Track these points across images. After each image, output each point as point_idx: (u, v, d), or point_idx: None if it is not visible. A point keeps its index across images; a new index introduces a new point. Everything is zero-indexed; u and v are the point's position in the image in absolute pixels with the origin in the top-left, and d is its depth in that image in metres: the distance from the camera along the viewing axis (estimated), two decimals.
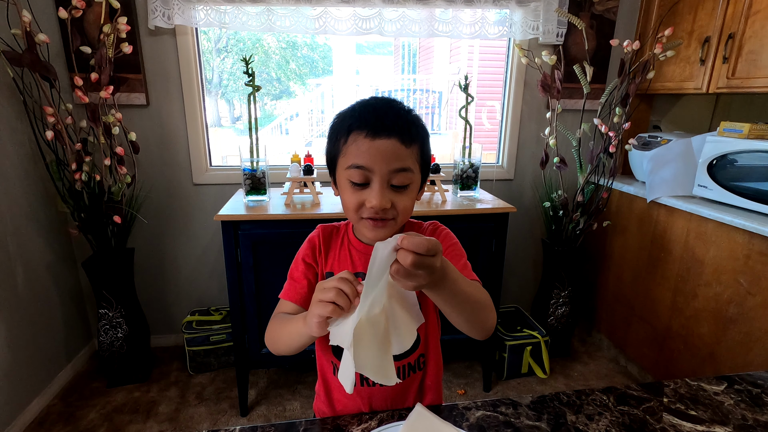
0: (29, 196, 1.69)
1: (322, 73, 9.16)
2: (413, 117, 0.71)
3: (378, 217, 0.69)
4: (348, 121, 0.68)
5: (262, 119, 8.65)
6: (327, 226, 0.83)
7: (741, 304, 1.49)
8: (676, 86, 1.90)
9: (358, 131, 0.66)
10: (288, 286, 0.79)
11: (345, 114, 0.71)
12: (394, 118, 0.67)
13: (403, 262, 0.49)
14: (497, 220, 1.72)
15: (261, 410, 1.77)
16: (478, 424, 0.70)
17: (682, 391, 0.79)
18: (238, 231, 1.54)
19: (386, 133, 0.66)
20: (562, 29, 1.99)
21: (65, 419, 1.68)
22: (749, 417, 0.72)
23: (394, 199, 0.68)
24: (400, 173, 0.67)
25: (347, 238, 0.81)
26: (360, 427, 0.69)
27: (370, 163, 0.66)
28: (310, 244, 0.81)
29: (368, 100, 0.71)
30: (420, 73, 8.12)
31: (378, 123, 0.66)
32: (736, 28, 1.61)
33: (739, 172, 1.58)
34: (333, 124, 0.73)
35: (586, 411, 0.73)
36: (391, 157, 0.66)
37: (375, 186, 0.67)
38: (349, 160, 0.67)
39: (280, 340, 0.72)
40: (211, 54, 8.73)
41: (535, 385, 1.94)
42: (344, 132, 0.68)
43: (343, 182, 0.70)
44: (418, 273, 0.51)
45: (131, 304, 1.86)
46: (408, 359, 0.81)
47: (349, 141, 0.67)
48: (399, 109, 0.70)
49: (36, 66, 1.44)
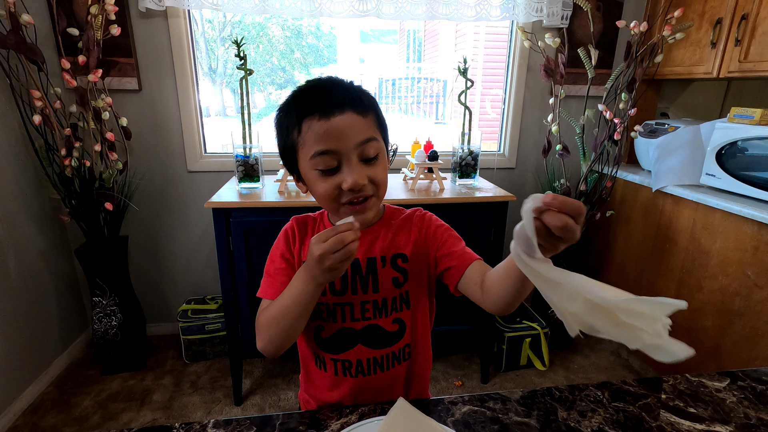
0: (20, 182, 1.67)
1: (327, 62, 9.06)
2: (358, 86, 0.67)
3: (359, 197, 0.66)
4: (295, 110, 0.64)
5: (267, 108, 8.59)
6: (300, 216, 0.80)
7: (748, 297, 1.44)
8: (685, 71, 1.83)
9: (310, 116, 0.62)
10: (266, 283, 0.75)
11: (288, 105, 0.66)
12: (341, 92, 0.63)
13: (559, 222, 0.42)
14: (497, 209, 1.67)
15: (255, 399, 1.75)
16: (463, 419, 0.67)
17: (681, 387, 0.75)
18: (229, 219, 1.51)
19: (339, 108, 0.62)
20: (568, 11, 1.92)
21: (59, 406, 1.67)
22: (752, 415, 0.68)
23: (369, 173, 0.65)
24: (366, 144, 0.64)
25: (323, 226, 0.78)
26: (339, 421, 0.65)
27: (333, 144, 0.62)
28: (285, 237, 0.78)
29: (308, 85, 0.66)
30: (425, 61, 8.00)
31: (327, 101, 0.62)
32: (750, 9, 1.53)
33: (750, 160, 1.52)
34: (278, 119, 0.69)
35: (578, 407, 0.70)
36: (352, 131, 0.63)
37: (347, 165, 0.63)
38: (311, 149, 0.63)
39: (281, 325, 0.66)
40: (215, 42, 8.65)
41: (533, 378, 1.91)
42: (294, 122, 0.64)
43: (310, 174, 0.66)
44: (567, 237, 0.43)
45: (125, 292, 1.84)
46: (392, 348, 0.78)
47: (303, 129, 0.63)
48: (341, 81, 0.66)
49: (21, 48, 1.40)
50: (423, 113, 7.60)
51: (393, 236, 0.77)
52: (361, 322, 0.76)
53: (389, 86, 7.19)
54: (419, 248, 0.77)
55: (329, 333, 0.76)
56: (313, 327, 0.77)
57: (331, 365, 0.77)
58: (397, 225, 0.78)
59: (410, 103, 7.46)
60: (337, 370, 0.77)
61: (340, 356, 0.77)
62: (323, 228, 0.76)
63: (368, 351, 0.76)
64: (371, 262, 0.75)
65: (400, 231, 0.78)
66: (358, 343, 0.76)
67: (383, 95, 7.18)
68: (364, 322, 0.76)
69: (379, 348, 0.77)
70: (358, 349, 0.76)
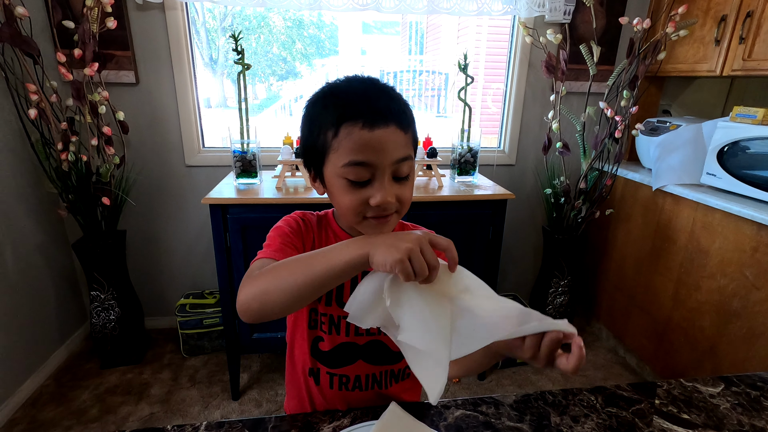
0: (16, 176, 1.66)
1: (328, 53, 8.97)
2: (402, 98, 0.63)
3: (385, 213, 0.62)
4: (334, 110, 0.58)
5: (268, 100, 8.54)
6: (306, 212, 0.76)
7: (745, 297, 1.43)
8: (688, 68, 1.81)
9: (352, 122, 0.57)
10: (277, 245, 0.66)
11: (326, 101, 0.61)
12: (388, 102, 0.59)
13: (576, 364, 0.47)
14: (495, 206, 1.66)
15: (253, 394, 1.76)
16: (456, 424, 0.67)
17: (675, 392, 0.75)
18: (227, 215, 1.51)
19: (383, 120, 0.57)
20: (570, 6, 1.89)
21: (57, 399, 1.68)
22: (745, 422, 0.68)
23: (398, 192, 0.61)
24: (402, 163, 0.60)
25: (330, 229, 0.74)
26: (331, 425, 0.65)
27: (371, 157, 0.58)
28: (297, 223, 0.72)
29: (351, 83, 0.62)
30: (427, 54, 7.93)
31: (373, 110, 0.57)
32: (756, 6, 1.51)
33: (751, 160, 1.50)
34: (310, 112, 0.63)
35: (571, 412, 0.69)
36: (392, 147, 0.58)
37: (379, 181, 0.59)
38: (345, 157, 0.58)
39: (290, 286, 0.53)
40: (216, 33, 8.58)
41: (530, 375, 1.92)
42: (331, 123, 0.58)
43: (337, 181, 0.61)
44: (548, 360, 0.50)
45: (123, 286, 1.85)
46: (393, 366, 0.76)
47: (341, 134, 0.58)
48: (389, 90, 0.62)
49: (16, 41, 1.39)
50: (425, 106, 7.57)
51: None
52: (365, 337, 0.74)
53: (391, 79, 7.14)
54: None
55: (330, 346, 0.73)
56: (311, 338, 0.74)
57: (326, 378, 0.75)
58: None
59: (412, 96, 7.41)
60: (332, 383, 0.75)
61: (338, 371, 0.74)
62: (331, 230, 0.74)
63: (368, 367, 0.75)
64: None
65: None
66: (359, 359, 0.74)
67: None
68: (368, 338, 0.74)
69: (380, 364, 0.75)
70: (359, 365, 0.74)
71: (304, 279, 0.52)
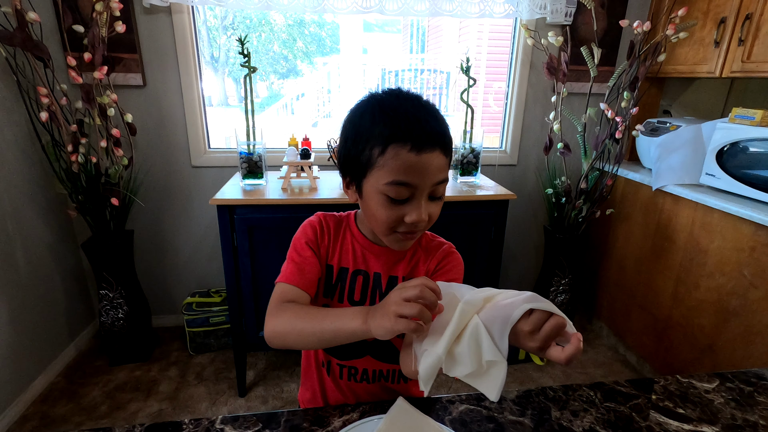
0: (27, 177, 1.69)
1: (330, 51, 8.98)
2: (445, 120, 0.64)
3: (415, 230, 0.65)
4: (383, 129, 0.60)
5: (269, 98, 8.56)
6: (327, 214, 0.78)
7: (744, 296, 1.46)
8: (688, 69, 1.83)
9: (401, 144, 0.59)
10: (292, 269, 0.71)
11: (375, 117, 0.61)
12: (435, 126, 0.61)
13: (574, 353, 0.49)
14: (497, 207, 1.69)
15: (259, 391, 1.80)
16: (460, 418, 0.69)
17: (671, 388, 0.77)
18: (233, 215, 1.54)
19: (431, 145, 0.59)
20: (572, 8, 1.91)
21: (68, 396, 1.72)
22: (738, 416, 0.70)
23: (431, 211, 0.65)
24: (440, 185, 0.63)
25: (350, 231, 0.76)
26: (341, 419, 0.68)
27: (414, 179, 0.60)
28: (313, 228, 0.75)
29: (400, 101, 0.62)
30: (428, 52, 7.94)
31: (422, 134, 0.59)
32: (755, 8, 1.53)
33: (750, 160, 1.52)
34: (358, 125, 0.64)
35: (571, 407, 0.72)
36: (435, 171, 0.61)
37: (417, 200, 0.62)
38: (389, 176, 0.60)
39: (307, 335, 0.62)
40: (218, 31, 8.59)
41: (531, 372, 1.95)
42: (379, 140, 0.60)
43: (376, 196, 0.63)
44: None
45: (131, 285, 1.88)
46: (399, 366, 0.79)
47: (387, 153, 0.59)
48: (435, 112, 0.63)
49: (28, 45, 1.42)
50: None
51: (417, 261, 0.77)
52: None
53: (392, 77, 7.15)
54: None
55: None
56: None
57: (336, 369, 0.79)
58: (422, 251, 0.78)
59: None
60: (342, 374, 0.79)
61: (348, 363, 0.79)
62: (350, 233, 0.76)
63: (376, 363, 0.78)
64: (392, 280, 0.75)
65: (423, 257, 0.77)
66: (367, 354, 0.78)
67: (386, 86, 7.15)
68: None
69: (387, 362, 0.79)
70: (367, 359, 0.78)
71: (314, 334, 0.61)
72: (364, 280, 0.75)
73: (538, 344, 0.49)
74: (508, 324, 0.50)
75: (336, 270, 0.75)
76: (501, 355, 0.51)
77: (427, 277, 0.55)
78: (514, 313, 0.50)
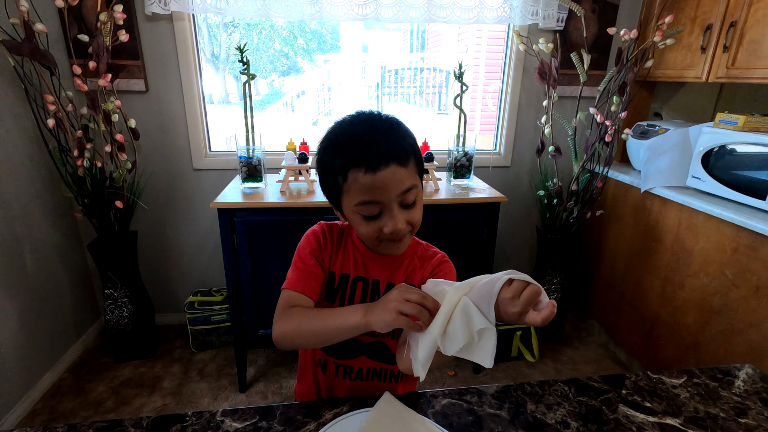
0: (35, 180, 1.75)
1: (330, 49, 9.00)
2: (401, 131, 0.70)
3: (398, 237, 0.71)
4: (341, 159, 0.67)
5: (270, 96, 8.58)
6: (330, 224, 0.83)
7: (725, 295, 1.51)
8: (676, 74, 1.87)
9: (356, 169, 0.65)
10: (297, 276, 0.76)
11: (334, 150, 0.69)
12: (386, 144, 0.66)
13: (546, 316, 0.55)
14: (489, 209, 1.74)
15: (259, 387, 1.86)
16: (442, 411, 0.75)
17: (641, 383, 0.83)
18: (233, 218, 1.59)
19: (384, 162, 0.65)
20: (563, 14, 1.96)
21: (75, 392, 1.79)
22: (701, 410, 0.76)
23: (408, 217, 0.70)
24: (407, 193, 0.69)
25: (351, 240, 0.82)
26: (332, 411, 0.74)
27: (377, 196, 0.67)
28: (316, 237, 0.80)
29: (354, 129, 0.69)
30: (428, 51, 7.97)
31: (374, 156, 0.65)
32: (739, 16, 1.57)
33: (733, 164, 1.57)
34: (323, 161, 0.71)
35: (546, 401, 0.78)
36: (395, 183, 0.67)
37: (388, 213, 0.68)
38: (355, 198, 0.67)
39: (313, 334, 0.69)
40: (218, 29, 8.62)
41: (523, 369, 2.01)
42: (340, 170, 0.67)
43: (353, 216, 0.71)
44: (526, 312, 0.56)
45: (135, 284, 1.94)
46: (393, 366, 0.84)
47: (349, 179, 0.67)
48: (387, 130, 0.69)
49: (35, 55, 1.47)
50: (426, 103, 7.61)
51: (413, 268, 0.82)
52: (370, 337, 0.82)
53: (392, 76, 7.19)
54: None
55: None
56: None
57: (333, 367, 0.85)
58: (418, 260, 0.83)
59: (413, 94, 7.46)
60: (338, 372, 0.85)
61: (344, 361, 0.84)
62: (351, 241, 0.81)
63: (371, 362, 0.84)
64: (390, 287, 0.80)
65: (418, 265, 0.83)
66: (362, 355, 0.83)
67: (386, 85, 7.18)
68: (372, 338, 0.82)
69: (382, 362, 0.84)
70: (362, 359, 0.84)
71: (320, 332, 0.68)
72: (363, 286, 0.80)
73: (519, 309, 0.55)
74: (494, 293, 0.56)
75: (338, 276, 0.80)
76: (489, 323, 0.58)
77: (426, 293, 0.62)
78: (496, 284, 0.56)
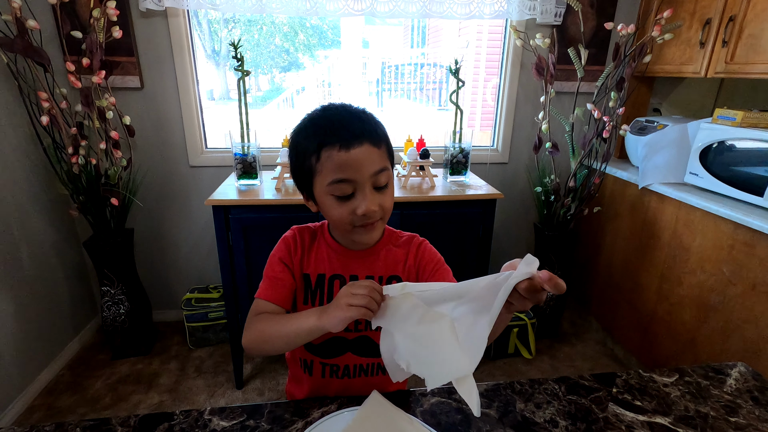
0: (30, 178, 1.75)
1: (331, 45, 8.97)
2: (374, 118, 0.73)
3: (371, 221, 0.72)
4: (314, 139, 0.68)
5: (271, 92, 8.54)
6: (302, 227, 0.84)
7: (722, 292, 1.50)
8: (675, 69, 1.85)
9: (330, 146, 0.67)
10: (266, 285, 0.79)
11: (308, 131, 0.71)
12: (360, 124, 0.69)
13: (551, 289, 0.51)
14: (485, 205, 1.73)
15: (256, 384, 1.86)
16: (431, 410, 0.75)
17: (632, 381, 0.82)
18: (228, 215, 1.59)
19: (357, 140, 0.67)
20: (561, 8, 1.94)
21: (73, 388, 1.79)
22: (691, 408, 0.75)
23: (380, 200, 0.71)
24: (379, 174, 0.70)
25: (324, 239, 0.82)
26: (320, 410, 0.74)
27: (351, 174, 0.67)
28: (286, 244, 0.81)
29: (327, 113, 0.71)
30: (429, 46, 7.93)
31: (347, 133, 0.67)
32: (738, 10, 1.55)
33: (730, 160, 1.56)
34: (296, 143, 0.72)
35: (535, 400, 0.77)
36: (368, 162, 0.68)
37: (361, 193, 0.69)
38: (329, 176, 0.68)
39: (275, 339, 0.72)
40: (219, 24, 8.59)
41: (520, 366, 2.00)
42: (314, 150, 0.68)
43: (326, 198, 0.71)
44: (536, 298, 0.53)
45: (132, 282, 1.94)
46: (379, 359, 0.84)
47: (322, 158, 0.68)
48: (360, 113, 0.72)
49: (28, 52, 1.46)
50: (426, 98, 7.58)
51: (392, 258, 0.83)
52: (353, 333, 0.82)
53: (393, 71, 7.15)
54: (411, 274, 0.83)
55: (321, 340, 0.81)
56: None
57: (319, 368, 0.84)
58: (396, 247, 0.84)
59: (413, 89, 7.44)
60: (324, 372, 0.84)
61: (329, 361, 0.84)
62: (324, 241, 0.82)
63: (356, 358, 0.84)
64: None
65: (399, 253, 0.83)
66: (347, 351, 0.83)
67: (386, 80, 7.14)
68: (355, 334, 0.82)
69: (367, 357, 0.84)
70: (347, 356, 0.83)
71: (280, 338, 0.71)
72: (341, 284, 0.80)
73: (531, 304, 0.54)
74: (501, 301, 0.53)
75: (314, 278, 0.81)
76: (468, 367, 0.57)
77: (375, 281, 0.64)
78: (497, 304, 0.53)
